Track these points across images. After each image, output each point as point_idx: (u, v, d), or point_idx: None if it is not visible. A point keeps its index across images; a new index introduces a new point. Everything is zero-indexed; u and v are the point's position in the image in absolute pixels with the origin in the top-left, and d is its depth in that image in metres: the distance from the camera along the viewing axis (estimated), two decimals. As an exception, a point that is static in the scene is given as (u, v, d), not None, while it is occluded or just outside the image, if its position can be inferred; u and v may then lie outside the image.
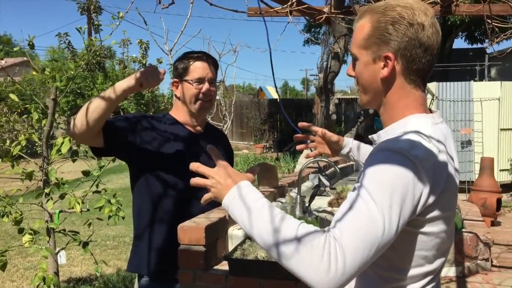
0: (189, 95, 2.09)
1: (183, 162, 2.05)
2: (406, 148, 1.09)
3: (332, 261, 0.98)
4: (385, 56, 1.19)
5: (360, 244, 1.00)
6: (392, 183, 1.05)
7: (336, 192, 3.39)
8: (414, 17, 1.17)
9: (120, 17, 3.63)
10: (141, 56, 10.02)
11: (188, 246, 1.75)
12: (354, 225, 1.01)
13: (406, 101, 1.22)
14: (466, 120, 9.49)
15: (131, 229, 7.24)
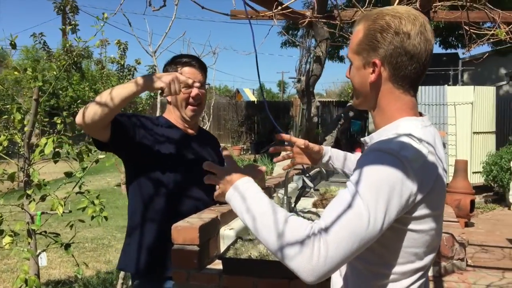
0: (179, 100, 2.12)
1: (177, 162, 2.08)
2: (396, 149, 1.14)
3: (315, 250, 1.04)
4: (373, 62, 1.25)
5: (344, 237, 1.05)
6: (381, 181, 1.10)
7: (320, 193, 3.45)
8: (400, 26, 1.22)
9: (104, 18, 3.63)
10: (120, 56, 9.94)
11: (182, 246, 1.77)
12: (340, 219, 1.06)
13: (396, 105, 1.27)
14: (441, 123, 9.71)
15: (109, 231, 7.19)
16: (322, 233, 1.05)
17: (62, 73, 3.94)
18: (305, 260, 1.05)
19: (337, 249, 1.05)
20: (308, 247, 1.05)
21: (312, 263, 1.04)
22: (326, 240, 1.04)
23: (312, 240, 1.05)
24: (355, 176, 1.13)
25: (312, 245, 1.05)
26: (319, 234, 1.05)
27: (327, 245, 1.04)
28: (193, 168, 2.12)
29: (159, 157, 2.04)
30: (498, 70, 15.82)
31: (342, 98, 27.95)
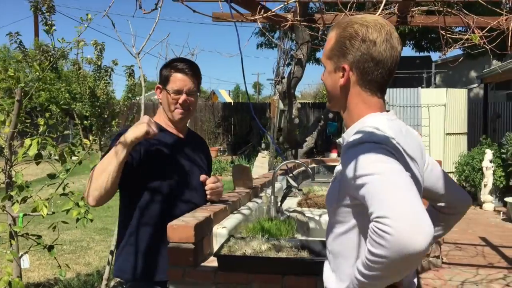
0: (168, 103, 2.17)
1: (171, 169, 2.13)
2: (366, 138, 1.26)
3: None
4: (342, 67, 1.37)
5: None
6: (374, 162, 1.18)
7: (303, 193, 3.52)
8: (367, 34, 1.33)
9: (89, 19, 3.63)
10: (96, 57, 9.85)
11: (177, 244, 1.81)
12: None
13: (363, 106, 1.38)
14: (415, 124, 9.94)
15: (88, 233, 7.12)
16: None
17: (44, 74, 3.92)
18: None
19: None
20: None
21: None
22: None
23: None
24: (355, 181, 1.20)
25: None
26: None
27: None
28: (187, 174, 2.17)
29: (154, 164, 2.08)
30: (468, 73, 16.26)
31: (317, 100, 28.19)
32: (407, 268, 1.13)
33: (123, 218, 2.19)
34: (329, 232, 1.44)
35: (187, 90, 2.16)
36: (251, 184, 2.68)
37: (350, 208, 1.33)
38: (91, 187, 1.93)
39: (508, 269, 5.24)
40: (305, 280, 1.74)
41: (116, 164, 1.90)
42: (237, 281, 1.77)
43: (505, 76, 9.55)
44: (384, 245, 1.08)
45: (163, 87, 2.17)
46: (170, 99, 2.14)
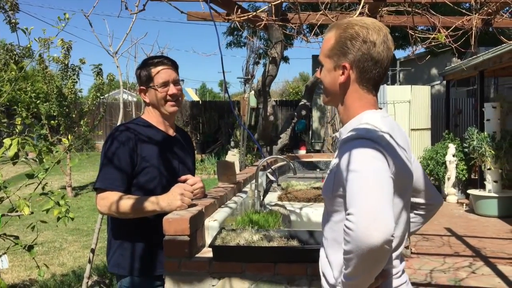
0: (158, 99, 2.22)
1: (162, 166, 2.20)
2: (363, 134, 1.38)
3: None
4: (343, 65, 1.49)
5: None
6: (365, 159, 1.31)
7: (282, 188, 3.63)
8: (368, 36, 1.47)
9: (66, 18, 3.63)
10: (63, 56, 9.71)
11: (173, 237, 1.88)
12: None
13: (360, 103, 1.51)
14: (381, 121, 10.20)
15: (60, 234, 7.06)
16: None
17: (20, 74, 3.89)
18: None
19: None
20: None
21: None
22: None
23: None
24: (344, 174, 1.34)
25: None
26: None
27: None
28: (177, 173, 2.25)
29: (149, 165, 2.16)
30: (430, 70, 16.77)
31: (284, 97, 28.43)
32: (373, 265, 1.26)
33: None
34: (326, 220, 1.55)
35: (172, 80, 2.23)
36: (235, 179, 2.77)
37: (342, 198, 1.44)
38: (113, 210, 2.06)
39: (473, 258, 5.51)
40: (296, 267, 1.84)
41: (140, 215, 2.06)
42: (231, 270, 1.85)
43: (466, 74, 9.94)
44: (348, 240, 1.23)
45: (147, 86, 2.23)
46: (160, 95, 2.21)
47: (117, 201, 2.05)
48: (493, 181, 7.96)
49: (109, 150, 2.14)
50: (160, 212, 2.02)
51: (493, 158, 7.82)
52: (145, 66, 2.25)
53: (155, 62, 2.25)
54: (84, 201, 9.75)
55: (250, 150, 13.19)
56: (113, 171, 2.12)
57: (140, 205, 2.03)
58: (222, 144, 16.79)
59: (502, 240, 6.40)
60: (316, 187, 3.60)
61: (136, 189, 2.16)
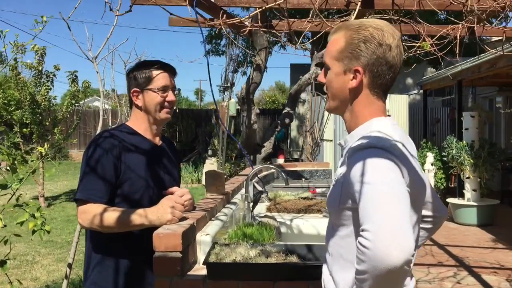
0: (154, 103, 2.08)
1: (149, 178, 2.06)
2: (374, 143, 1.27)
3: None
4: (355, 69, 1.37)
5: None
6: (378, 169, 1.20)
7: (269, 198, 3.52)
8: (383, 38, 1.36)
9: (44, 21, 3.46)
10: (37, 62, 9.43)
11: (164, 253, 1.74)
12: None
13: (370, 109, 1.40)
14: (360, 130, 10.21)
15: (32, 246, 6.78)
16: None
17: None
18: None
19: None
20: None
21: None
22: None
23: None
24: (356, 185, 1.22)
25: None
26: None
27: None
28: (165, 186, 2.12)
29: (135, 176, 2.01)
30: (405, 79, 16.96)
31: (260, 106, 28.40)
32: (390, 286, 1.14)
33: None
34: (331, 235, 1.44)
35: (172, 87, 2.12)
36: (224, 190, 2.64)
37: (351, 211, 1.33)
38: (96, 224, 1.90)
39: (457, 267, 5.49)
40: (296, 285, 1.72)
41: (126, 229, 1.92)
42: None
43: (443, 83, 10.04)
44: (363, 260, 1.11)
45: (143, 88, 2.09)
46: (157, 99, 2.07)
47: (100, 214, 1.89)
48: (472, 190, 8.01)
49: (92, 157, 1.99)
50: (148, 226, 1.88)
51: (472, 166, 7.87)
52: (144, 68, 2.11)
53: (157, 66, 2.12)
54: (58, 212, 9.44)
55: (228, 159, 13.06)
56: (96, 180, 1.96)
57: (126, 219, 1.88)
58: (199, 153, 16.60)
59: (483, 249, 6.41)
60: (304, 197, 3.50)
61: (120, 201, 2.00)
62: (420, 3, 3.63)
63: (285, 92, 38.93)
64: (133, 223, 1.88)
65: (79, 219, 1.95)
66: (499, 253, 6.23)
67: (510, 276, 5.20)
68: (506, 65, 6.47)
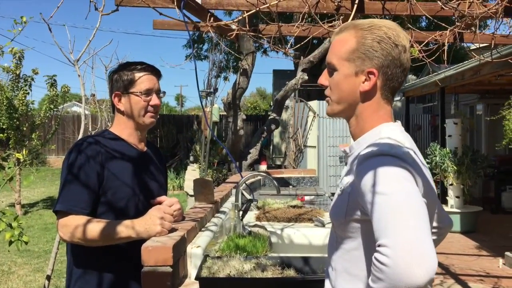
0: (138, 107, 1.96)
1: (136, 187, 1.94)
2: (387, 150, 1.18)
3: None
4: (369, 71, 1.27)
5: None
6: (391, 178, 1.11)
7: (257, 206, 3.42)
8: (399, 39, 1.27)
9: (23, 22, 3.32)
10: (14, 66, 9.18)
11: (153, 268, 1.62)
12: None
13: (379, 114, 1.31)
14: (344, 136, 10.20)
15: (8, 256, 6.56)
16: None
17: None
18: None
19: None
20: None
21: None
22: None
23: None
24: (368, 196, 1.12)
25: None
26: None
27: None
28: (153, 192, 2.01)
29: (121, 185, 1.89)
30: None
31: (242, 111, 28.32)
32: None
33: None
34: (335, 248, 1.34)
35: (156, 90, 1.99)
36: (213, 198, 2.53)
37: (359, 223, 1.24)
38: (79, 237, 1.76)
39: (443, 275, 5.45)
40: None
41: (111, 242, 1.78)
42: (221, 305, 1.62)
43: (426, 90, 10.09)
44: (381, 278, 1.01)
45: (125, 91, 1.96)
46: (141, 103, 1.95)
47: (83, 227, 1.76)
48: (455, 197, 8.03)
49: (74, 165, 1.84)
50: (136, 238, 1.75)
51: (455, 173, 7.89)
52: (126, 70, 1.97)
53: (140, 68, 1.98)
54: (35, 220, 9.16)
55: (211, 165, 12.92)
56: (78, 190, 1.83)
57: (112, 231, 1.75)
58: (180, 159, 16.40)
59: (468, 256, 6.41)
60: (293, 206, 3.41)
61: (105, 210, 1.87)
62: (411, 8, 3.59)
63: (266, 98, 38.93)
64: (119, 235, 1.75)
65: (60, 232, 1.82)
66: (484, 260, 6.23)
67: (496, 284, 5.19)
68: (490, 72, 6.51)
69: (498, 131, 10.89)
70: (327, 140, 10.23)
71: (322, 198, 4.04)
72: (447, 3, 3.26)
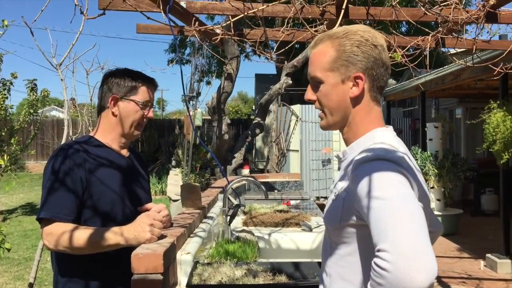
0: (134, 116, 1.95)
1: (123, 194, 1.91)
2: (382, 154, 1.19)
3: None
4: (355, 76, 1.29)
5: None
6: (388, 183, 1.11)
7: (243, 211, 3.41)
8: (376, 40, 1.29)
9: (5, 25, 3.27)
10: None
11: (143, 276, 1.60)
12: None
13: (370, 117, 1.32)
14: (326, 140, 10.26)
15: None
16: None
17: None
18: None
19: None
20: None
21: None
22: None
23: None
24: (364, 201, 1.12)
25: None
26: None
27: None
28: (140, 198, 1.98)
29: (105, 189, 1.86)
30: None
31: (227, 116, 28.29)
32: None
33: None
34: (329, 254, 1.34)
35: (152, 104, 2.00)
36: (200, 204, 2.51)
37: (355, 228, 1.24)
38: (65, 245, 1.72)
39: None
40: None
41: (99, 250, 1.74)
42: (213, 313, 1.60)
43: (407, 94, 10.21)
44: (381, 283, 1.01)
45: (124, 97, 1.94)
46: (138, 113, 1.94)
47: (69, 235, 1.72)
48: (436, 200, 8.12)
49: (58, 170, 1.80)
50: (124, 245, 1.73)
51: (436, 176, 7.99)
52: (130, 77, 1.97)
53: (144, 78, 1.99)
54: (14, 226, 8.99)
55: (193, 169, 12.85)
56: (62, 196, 1.78)
57: (99, 238, 1.72)
58: (162, 164, 16.29)
59: (450, 258, 6.48)
60: (280, 210, 3.41)
61: (90, 217, 1.83)
62: (394, 13, 3.63)
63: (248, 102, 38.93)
64: (107, 242, 1.72)
65: (44, 241, 1.77)
66: (465, 262, 6.31)
67: (478, 286, 5.26)
68: (470, 77, 6.61)
69: (477, 134, 11.09)
70: (309, 144, 10.27)
71: (308, 203, 4.05)
72: (430, 9, 3.30)
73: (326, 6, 3.59)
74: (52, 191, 1.79)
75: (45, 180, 1.83)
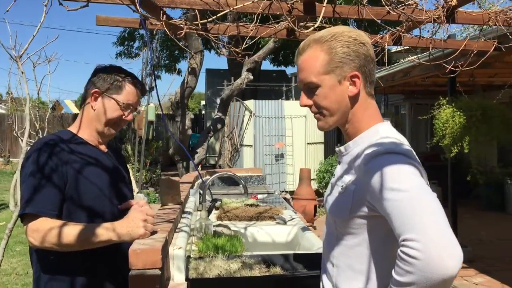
0: (110, 114, 1.91)
1: (108, 185, 1.88)
2: (392, 148, 1.25)
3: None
4: (351, 75, 1.35)
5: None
6: (404, 175, 1.17)
7: (215, 206, 3.41)
8: (362, 37, 1.36)
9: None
10: None
11: (142, 271, 1.58)
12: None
13: (369, 112, 1.39)
14: (279, 135, 10.39)
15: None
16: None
17: None
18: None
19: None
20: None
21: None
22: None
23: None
24: (381, 193, 1.17)
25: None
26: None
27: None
28: (125, 194, 1.96)
29: (94, 187, 1.84)
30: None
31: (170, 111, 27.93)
32: None
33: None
34: (335, 244, 1.39)
35: (134, 108, 1.96)
36: (180, 199, 2.50)
37: (365, 219, 1.29)
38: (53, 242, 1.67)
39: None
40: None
41: (89, 247, 1.70)
42: (212, 306, 1.61)
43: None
44: (412, 271, 1.06)
45: (106, 93, 1.90)
46: (117, 112, 1.90)
47: (58, 230, 1.67)
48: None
49: (38, 165, 1.74)
50: (117, 241, 1.70)
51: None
52: (117, 74, 1.93)
53: (131, 80, 1.95)
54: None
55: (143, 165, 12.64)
56: (45, 190, 1.73)
57: (90, 234, 1.68)
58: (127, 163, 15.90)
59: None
60: (250, 204, 3.44)
61: (73, 210, 1.79)
62: (359, 12, 3.73)
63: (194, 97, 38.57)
64: (99, 239, 1.69)
65: (29, 237, 1.71)
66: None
67: None
68: (419, 74, 6.90)
69: (421, 129, 11.58)
70: (263, 139, 10.36)
71: (273, 196, 4.10)
72: (396, 8, 3.43)
73: (294, 3, 3.65)
74: (33, 186, 1.73)
75: (25, 175, 1.77)
